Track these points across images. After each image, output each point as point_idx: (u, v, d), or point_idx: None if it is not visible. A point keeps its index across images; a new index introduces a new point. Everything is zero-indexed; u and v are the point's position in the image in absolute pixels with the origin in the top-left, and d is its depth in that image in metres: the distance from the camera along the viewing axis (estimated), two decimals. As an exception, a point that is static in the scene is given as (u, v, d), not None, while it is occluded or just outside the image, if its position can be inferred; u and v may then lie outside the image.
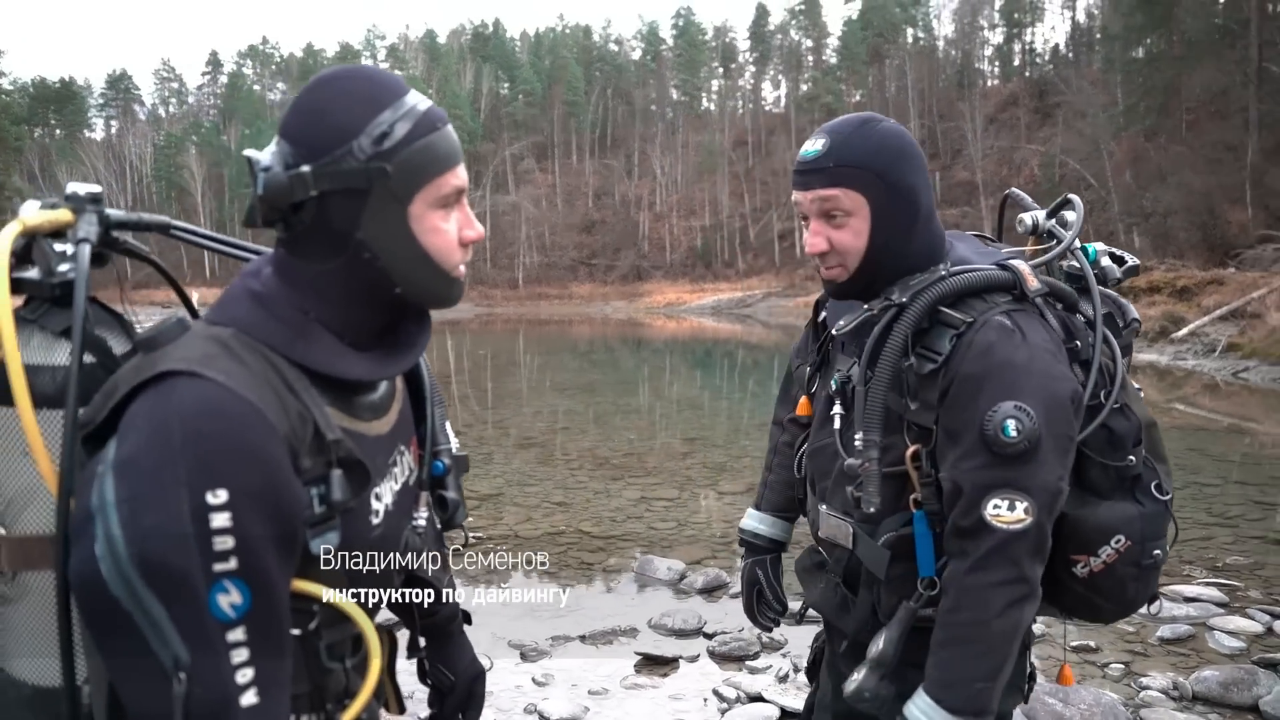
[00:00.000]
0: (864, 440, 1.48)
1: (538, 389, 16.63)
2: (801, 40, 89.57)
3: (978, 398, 1.42)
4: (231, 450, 0.91)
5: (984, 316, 1.47)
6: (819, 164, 1.51)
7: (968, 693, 1.43)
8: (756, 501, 2.02)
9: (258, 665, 0.93)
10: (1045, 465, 1.42)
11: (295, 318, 1.04)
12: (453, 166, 1.07)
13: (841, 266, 1.55)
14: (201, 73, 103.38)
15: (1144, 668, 3.99)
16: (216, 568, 0.90)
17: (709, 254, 73.72)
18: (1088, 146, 44.80)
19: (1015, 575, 1.42)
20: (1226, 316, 20.28)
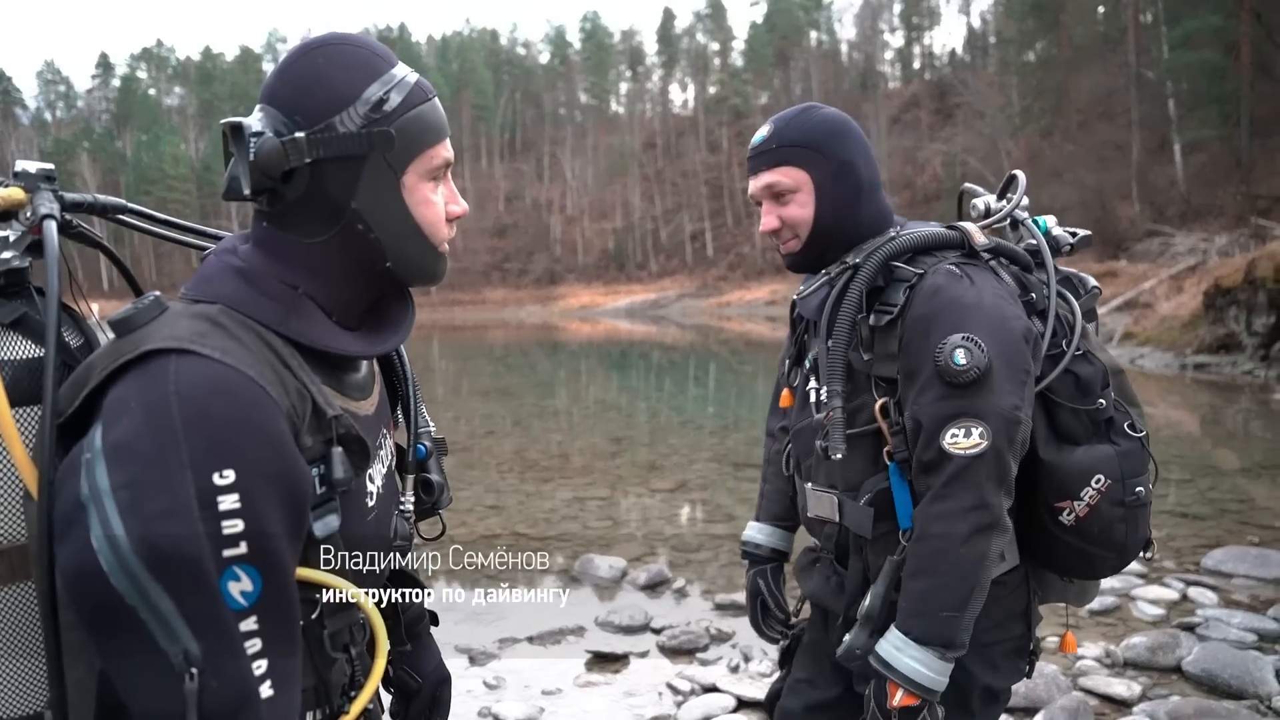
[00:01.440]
0: (827, 391, 1.55)
1: (456, 394, 16.43)
2: (708, 43, 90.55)
3: (929, 335, 1.49)
4: (238, 428, 0.86)
5: (936, 267, 1.56)
6: (764, 148, 1.64)
7: (936, 623, 1.45)
8: (756, 513, 2.04)
9: (272, 656, 0.88)
10: (998, 392, 1.46)
11: (285, 293, 1.00)
12: (443, 138, 1.05)
13: (795, 238, 1.65)
14: (91, 76, 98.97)
15: (1078, 639, 4.13)
16: (226, 553, 0.84)
17: (622, 256, 73.98)
18: (987, 146, 46.41)
19: (977, 501, 1.45)
20: (1122, 306, 21.27)
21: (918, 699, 1.45)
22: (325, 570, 0.98)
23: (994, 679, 1.63)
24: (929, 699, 1.46)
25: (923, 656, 1.45)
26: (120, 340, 0.90)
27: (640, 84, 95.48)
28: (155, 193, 75.03)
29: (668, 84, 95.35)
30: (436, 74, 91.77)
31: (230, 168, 1.00)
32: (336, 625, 1.03)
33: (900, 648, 1.46)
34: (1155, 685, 3.61)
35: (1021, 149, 44.22)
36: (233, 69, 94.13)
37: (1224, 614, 4.32)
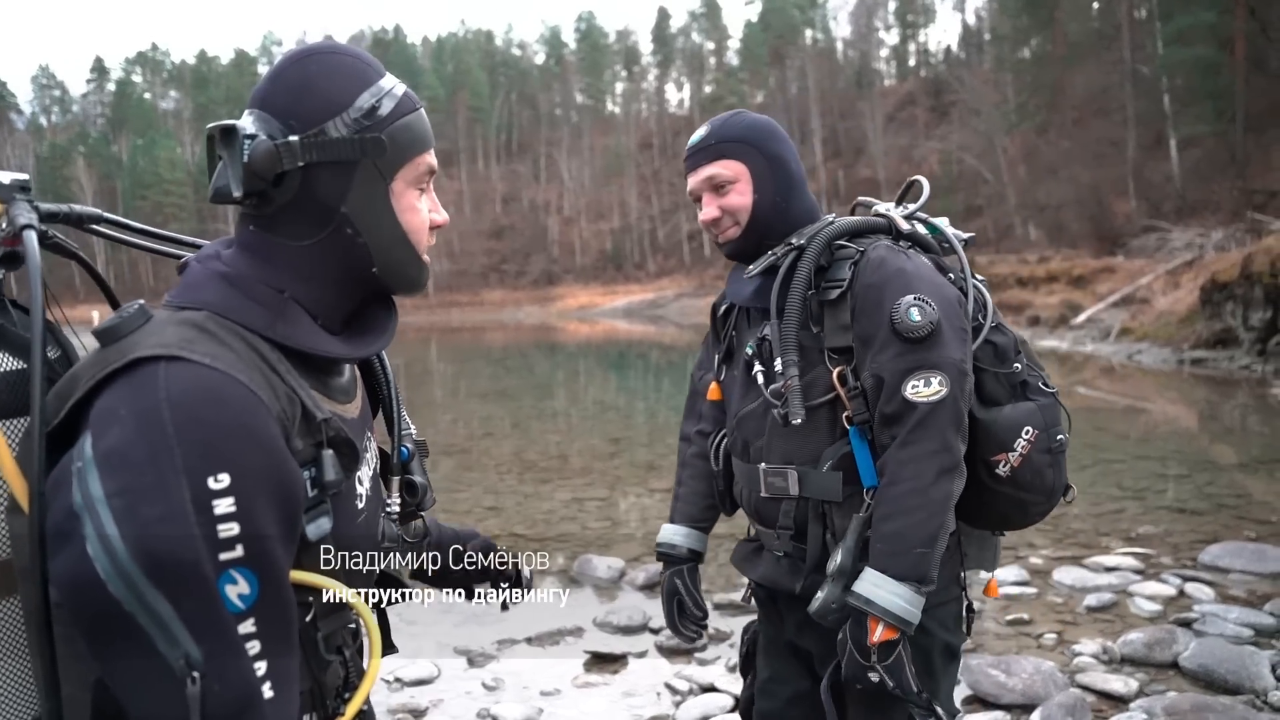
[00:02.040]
0: (783, 362, 1.67)
1: (455, 397, 16.43)
2: (703, 43, 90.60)
3: (882, 300, 1.64)
4: (230, 432, 0.86)
5: (873, 245, 1.73)
6: (703, 144, 1.81)
7: (910, 559, 1.56)
8: (671, 516, 2.09)
9: (270, 658, 0.88)
10: (949, 345, 1.62)
11: (272, 297, 1.01)
12: (429, 147, 1.08)
13: (735, 225, 1.80)
14: (86, 80, 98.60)
15: (1075, 635, 4.15)
16: (223, 556, 0.85)
17: (619, 256, 73.99)
18: (983, 143, 46.47)
19: (942, 444, 1.59)
20: (1119, 302, 21.30)
21: (896, 632, 1.56)
22: (319, 571, 0.99)
23: (951, 637, 1.78)
24: (907, 630, 1.57)
25: (901, 590, 1.55)
26: (106, 349, 0.90)
27: (636, 84, 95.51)
28: (151, 197, 75.01)
29: (663, 84, 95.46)
30: (432, 75, 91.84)
31: (218, 171, 1.01)
32: (330, 627, 1.04)
33: (879, 584, 1.56)
34: (1152, 681, 3.62)
35: (1017, 146, 44.28)
36: (228, 72, 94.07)
37: (1221, 609, 4.33)
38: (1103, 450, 8.84)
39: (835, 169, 64.37)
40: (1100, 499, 6.80)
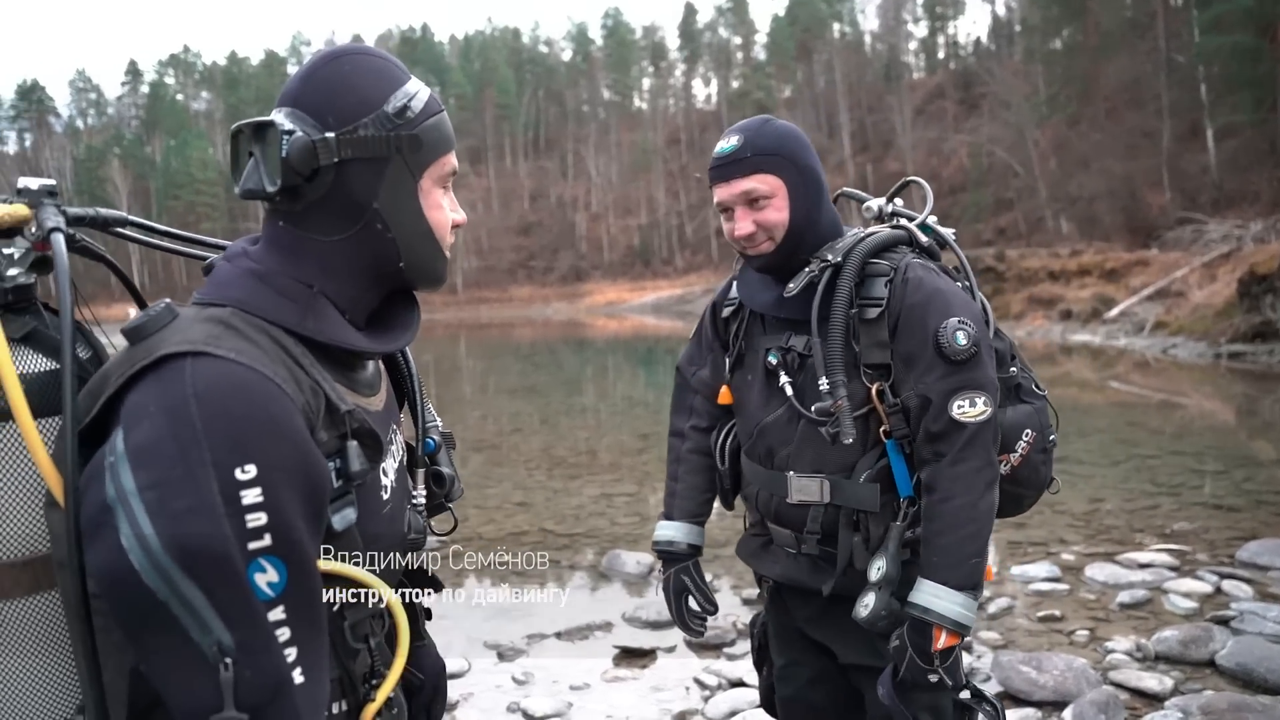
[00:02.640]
0: (830, 382, 1.69)
1: (484, 393, 16.52)
2: (730, 38, 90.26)
3: (925, 321, 1.69)
4: (256, 425, 0.89)
5: (904, 262, 1.75)
6: (738, 156, 1.75)
7: (966, 569, 1.66)
8: (667, 513, 2.09)
9: (300, 644, 0.91)
10: (987, 366, 1.71)
11: (301, 292, 1.03)
12: (453, 148, 1.12)
13: (770, 240, 1.77)
14: (121, 83, 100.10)
15: (1107, 632, 4.11)
16: (252, 546, 0.88)
17: (647, 252, 73.91)
18: (1013, 135, 45.86)
19: (987, 460, 1.69)
20: (1153, 296, 20.99)
21: (958, 637, 1.66)
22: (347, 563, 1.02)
23: None
24: (966, 635, 1.67)
25: (960, 599, 1.65)
26: (134, 348, 0.93)
27: (663, 79, 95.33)
28: (184, 196, 75.86)
29: (690, 79, 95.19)
30: (459, 73, 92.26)
31: (248, 168, 1.02)
32: (356, 616, 1.06)
33: (940, 595, 1.64)
34: (1188, 680, 3.57)
35: (1048, 138, 43.70)
36: (258, 73, 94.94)
37: (1260, 607, 4.26)
38: (1136, 445, 8.74)
39: (864, 163, 63.89)
40: (1134, 495, 6.72)
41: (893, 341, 1.71)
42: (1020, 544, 5.52)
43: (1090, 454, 8.38)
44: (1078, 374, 16.05)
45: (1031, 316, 23.59)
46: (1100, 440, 9.25)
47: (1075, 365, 17.32)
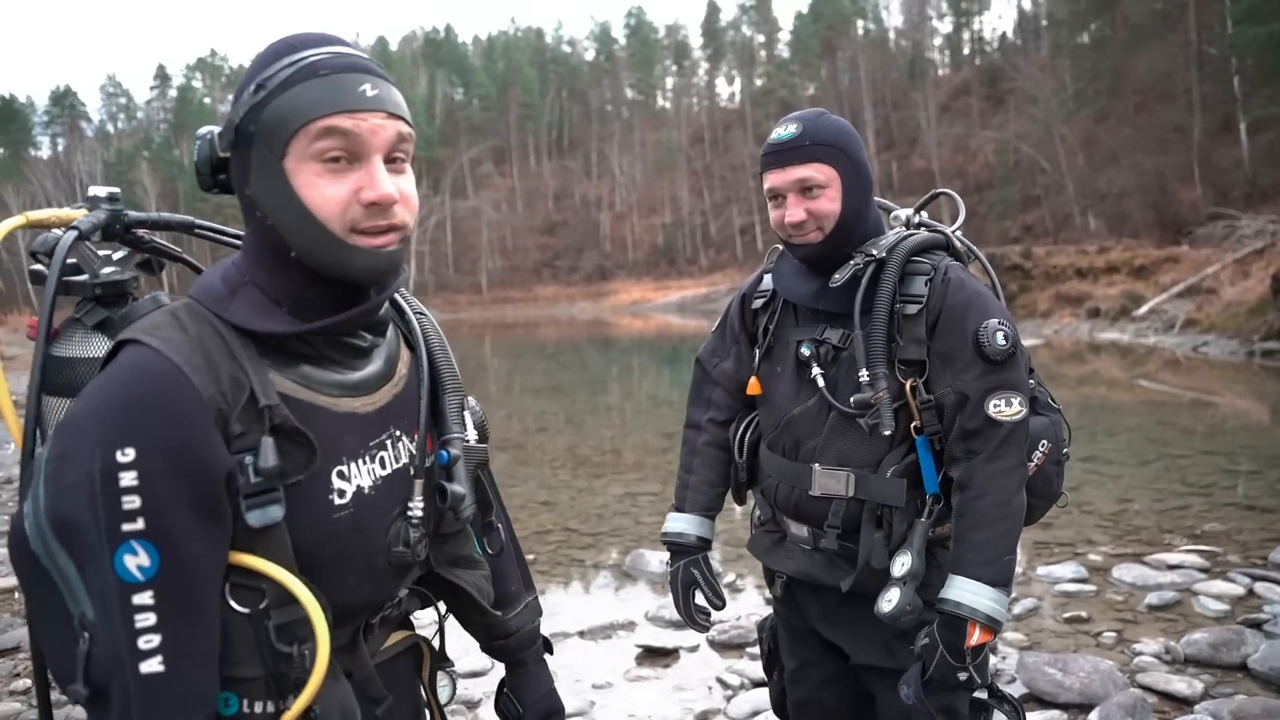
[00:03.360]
0: (870, 374, 1.71)
1: (509, 392, 16.56)
2: (753, 35, 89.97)
3: (965, 321, 1.71)
4: (145, 409, 0.91)
5: (944, 263, 1.78)
6: (796, 143, 1.75)
7: (1000, 566, 1.67)
8: (678, 505, 2.08)
9: (165, 632, 0.90)
10: (1021, 368, 1.74)
11: (235, 281, 1.05)
12: (327, 113, 0.98)
13: (818, 230, 1.77)
14: (150, 87, 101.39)
15: (1135, 634, 4.06)
16: (124, 527, 0.89)
17: (671, 251, 73.83)
18: (1040, 131, 45.42)
19: (1020, 460, 1.71)
20: (1184, 293, 20.71)
21: (991, 634, 1.66)
22: (274, 560, 0.98)
23: None
24: (999, 631, 1.68)
25: (995, 595, 1.66)
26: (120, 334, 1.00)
27: (686, 78, 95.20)
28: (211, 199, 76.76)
29: (714, 77, 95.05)
30: (483, 74, 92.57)
31: None
32: (284, 618, 1.00)
33: (977, 592, 1.65)
34: (1218, 683, 3.52)
35: (1075, 134, 43.22)
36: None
37: (1292, 609, 4.20)
38: (1166, 445, 8.63)
39: (889, 160, 63.51)
40: (1163, 495, 6.64)
41: (930, 339, 1.73)
42: (1047, 544, 5.47)
43: (1119, 453, 8.29)
44: (1106, 372, 15.87)
45: (1059, 314, 23.35)
46: (1129, 439, 9.15)
47: (1104, 364, 17.13)
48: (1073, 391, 12.98)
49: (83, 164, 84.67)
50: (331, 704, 1.04)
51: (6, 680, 3.89)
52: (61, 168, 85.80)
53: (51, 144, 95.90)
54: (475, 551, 1.31)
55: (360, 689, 1.12)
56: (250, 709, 1.00)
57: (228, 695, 0.99)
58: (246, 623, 0.99)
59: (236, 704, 1.00)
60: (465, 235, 78.84)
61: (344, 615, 1.09)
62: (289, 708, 1.00)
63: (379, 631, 1.19)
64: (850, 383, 1.75)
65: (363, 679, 1.13)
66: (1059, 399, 1.97)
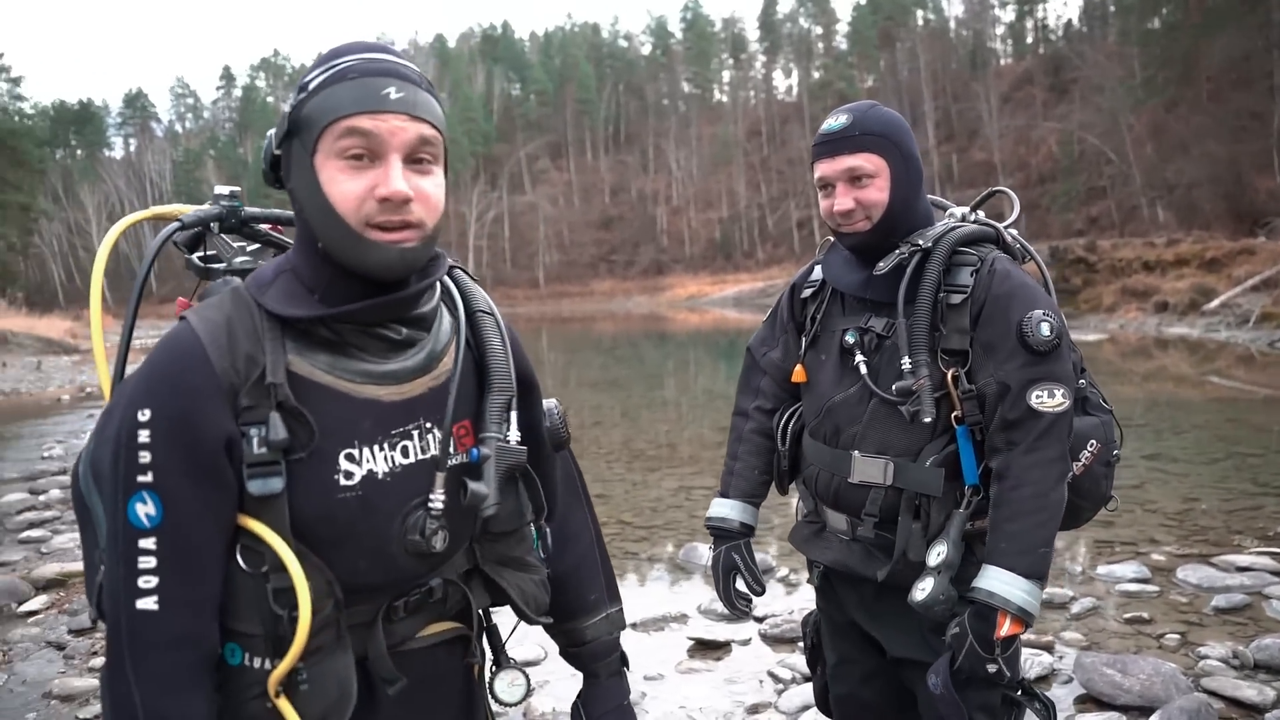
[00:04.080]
0: (913, 362, 1.72)
1: (565, 386, 16.67)
2: (811, 28, 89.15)
3: (1009, 311, 1.70)
4: (163, 377, 1.04)
5: (991, 255, 1.78)
6: (846, 133, 1.77)
7: (1035, 558, 1.66)
8: (723, 490, 2.10)
9: (163, 577, 1.02)
10: (1066, 360, 1.72)
11: (281, 268, 1.14)
12: (349, 114, 1.04)
13: (866, 219, 1.79)
14: (216, 87, 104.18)
15: (1201, 637, 3.95)
16: (138, 479, 1.02)
17: (728, 245, 73.57)
18: (1106, 121, 44.34)
19: (1061, 452, 1.69)
20: (1259, 286, 20.04)
21: (1022, 626, 1.65)
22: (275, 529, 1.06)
23: None
24: (1030, 623, 1.66)
25: (1028, 586, 1.64)
26: None
27: (743, 71, 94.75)
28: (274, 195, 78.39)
29: (771, 70, 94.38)
30: (539, 69, 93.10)
31: None
32: (281, 583, 1.06)
33: (1009, 582, 1.64)
34: (1289, 688, 3.41)
35: (1144, 123, 42.07)
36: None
37: (1371, 613, 4.05)
38: (1237, 444, 8.38)
39: (949, 153, 62.48)
40: (1233, 495, 6.44)
41: (974, 329, 1.72)
42: (1108, 543, 5.36)
43: (1185, 451, 8.07)
44: (1174, 368, 15.44)
45: (1124, 309, 22.77)
46: (1196, 437, 8.90)
47: (1171, 359, 16.67)
48: (1138, 387, 12.66)
49: (152, 163, 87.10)
50: (328, 674, 1.10)
51: (85, 658, 4.05)
52: (133, 167, 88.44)
53: (124, 145, 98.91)
54: (532, 555, 1.30)
55: (372, 667, 1.16)
56: (251, 662, 1.09)
57: (233, 646, 1.09)
58: (250, 582, 1.08)
59: (240, 655, 1.09)
60: (522, 230, 79.45)
61: (357, 594, 1.12)
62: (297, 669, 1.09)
63: (409, 617, 1.20)
64: (892, 370, 1.76)
65: (375, 658, 1.16)
66: (1122, 395, 1.95)
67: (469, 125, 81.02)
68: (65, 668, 3.97)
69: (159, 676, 1.01)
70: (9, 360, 22.22)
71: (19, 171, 46.49)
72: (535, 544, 1.31)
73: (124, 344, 1.21)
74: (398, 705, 1.18)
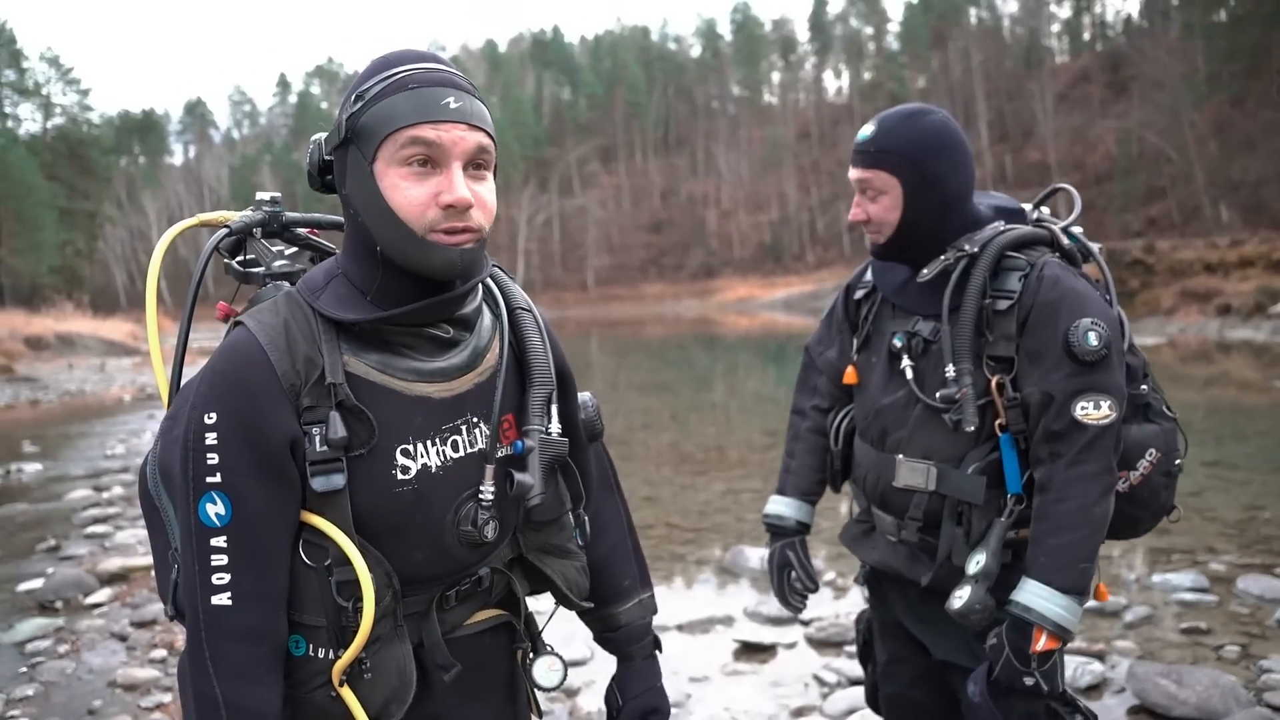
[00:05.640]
0: (956, 369, 1.70)
1: (614, 389, 16.73)
2: (862, 28, 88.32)
3: (1057, 319, 1.66)
4: (227, 381, 1.08)
5: (1042, 259, 1.73)
6: (864, 147, 1.77)
7: (1074, 573, 1.63)
8: (780, 488, 2.13)
9: (235, 573, 1.07)
10: (1117, 371, 1.67)
11: (331, 273, 1.17)
12: (413, 123, 1.07)
13: (878, 234, 1.81)
14: (272, 94, 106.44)
15: (1263, 650, 3.85)
16: (207, 480, 1.06)
17: (778, 248, 73.21)
18: (1167, 118, 43.28)
19: (1106, 466, 1.65)
20: (1326, 288, 19.41)
21: (1059, 641, 1.63)
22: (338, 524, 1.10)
23: None
24: (1068, 640, 1.64)
25: (1065, 602, 1.62)
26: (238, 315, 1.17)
27: (793, 73, 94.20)
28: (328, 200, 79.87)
29: (821, 72, 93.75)
30: (589, 73, 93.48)
31: None
32: (344, 576, 1.11)
33: (1046, 597, 1.62)
34: (1354, 702, 3.32)
35: (1207, 120, 40.99)
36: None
37: None
38: (1305, 450, 8.14)
39: (1002, 153, 61.53)
40: (1299, 502, 6.26)
41: (1020, 336, 1.70)
42: (1164, 551, 5.25)
43: (1248, 458, 7.85)
44: (1237, 373, 15.03)
45: (1184, 311, 22.20)
46: (1260, 444, 8.66)
47: (1234, 364, 16.23)
48: (1199, 393, 12.35)
49: (211, 169, 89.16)
50: (389, 662, 1.16)
51: (146, 649, 4.18)
52: (192, 173, 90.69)
53: (184, 152, 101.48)
54: (572, 543, 1.34)
55: (428, 655, 1.21)
56: (315, 653, 1.14)
57: (297, 638, 1.14)
58: (313, 576, 1.12)
59: (304, 646, 1.14)
60: (572, 233, 79.88)
61: (413, 584, 1.18)
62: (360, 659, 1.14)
63: (459, 605, 1.25)
64: (937, 376, 1.75)
65: (431, 645, 1.21)
66: (1181, 400, 1.89)
67: (519, 129, 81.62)
68: (128, 658, 4.10)
69: (237, 669, 1.06)
70: (75, 361, 22.92)
71: (87, 179, 47.99)
72: (574, 532, 1.35)
73: (180, 347, 1.25)
74: (450, 691, 1.23)
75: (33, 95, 49.27)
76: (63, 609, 4.84)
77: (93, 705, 3.63)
